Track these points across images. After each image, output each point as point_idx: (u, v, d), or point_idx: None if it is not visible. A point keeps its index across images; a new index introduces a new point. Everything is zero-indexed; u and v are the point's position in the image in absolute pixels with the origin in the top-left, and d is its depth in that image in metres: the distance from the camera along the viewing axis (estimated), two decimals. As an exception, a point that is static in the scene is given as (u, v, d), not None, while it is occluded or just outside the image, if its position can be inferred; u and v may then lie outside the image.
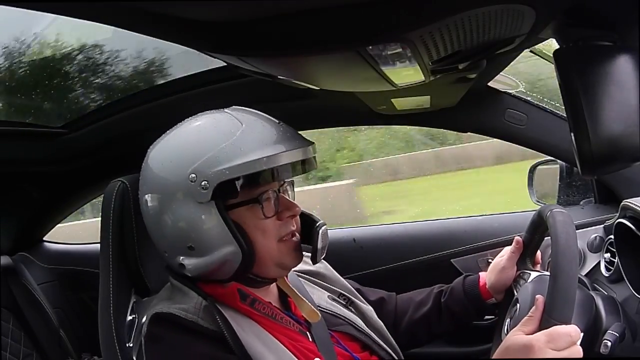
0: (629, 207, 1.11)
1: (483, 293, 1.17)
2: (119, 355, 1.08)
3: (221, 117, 0.97)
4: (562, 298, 0.87)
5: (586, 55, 0.70)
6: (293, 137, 0.97)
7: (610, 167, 0.75)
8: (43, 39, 1.70)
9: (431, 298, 1.21)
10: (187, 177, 0.91)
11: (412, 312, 1.22)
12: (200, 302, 0.95)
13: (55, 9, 0.67)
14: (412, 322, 1.21)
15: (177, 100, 1.57)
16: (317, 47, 0.70)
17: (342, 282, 1.20)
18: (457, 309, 1.18)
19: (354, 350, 1.06)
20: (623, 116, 0.68)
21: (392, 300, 1.25)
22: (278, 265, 0.99)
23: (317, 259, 1.02)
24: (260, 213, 0.95)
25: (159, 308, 0.95)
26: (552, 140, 1.52)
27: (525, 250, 1.14)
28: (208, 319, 0.93)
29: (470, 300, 1.17)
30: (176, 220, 0.94)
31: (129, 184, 1.09)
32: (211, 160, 0.91)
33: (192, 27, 0.67)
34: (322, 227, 1.01)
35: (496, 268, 1.16)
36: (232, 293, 0.97)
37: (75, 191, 1.99)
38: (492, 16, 0.68)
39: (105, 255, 1.10)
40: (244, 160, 0.90)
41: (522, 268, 1.13)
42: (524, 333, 0.88)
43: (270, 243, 0.96)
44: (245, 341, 0.92)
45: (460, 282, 1.20)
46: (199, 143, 0.93)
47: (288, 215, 0.98)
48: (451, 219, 1.81)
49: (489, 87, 1.51)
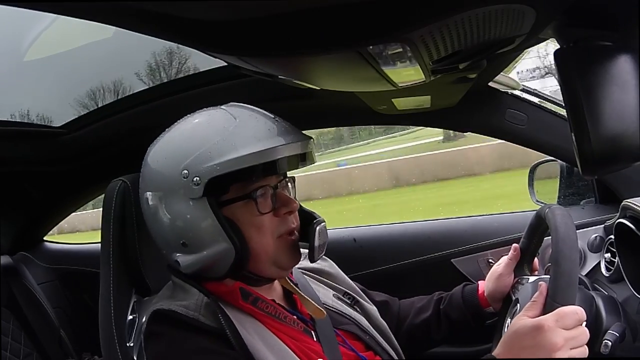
0: (629, 207, 1.11)
1: (482, 301, 1.16)
2: (120, 354, 1.08)
3: (216, 113, 0.97)
4: (565, 282, 0.88)
5: (586, 56, 0.70)
6: (288, 131, 0.95)
7: (610, 167, 0.75)
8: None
9: (432, 305, 1.21)
10: (180, 174, 0.91)
11: (413, 317, 1.22)
12: (201, 299, 0.94)
13: (55, 9, 0.67)
14: (412, 327, 1.21)
15: (177, 100, 1.57)
16: (318, 46, 0.70)
17: (347, 281, 1.19)
18: (455, 316, 1.18)
19: (358, 350, 1.05)
20: (623, 116, 0.68)
21: (395, 305, 1.25)
22: (274, 264, 0.97)
23: (315, 257, 1.00)
24: (255, 209, 0.94)
25: (159, 305, 0.95)
26: (552, 140, 1.52)
27: (522, 257, 1.14)
28: (209, 316, 0.92)
29: (468, 308, 1.17)
30: (170, 217, 0.94)
31: (129, 183, 1.09)
32: (203, 156, 0.90)
33: (192, 26, 0.67)
34: (319, 224, 0.99)
35: (493, 276, 1.15)
36: (234, 291, 0.96)
37: (76, 191, 1.99)
38: (492, 16, 0.68)
39: (106, 254, 1.10)
40: (235, 155, 0.89)
41: (520, 275, 1.13)
42: (528, 317, 0.88)
43: (265, 240, 0.95)
44: (246, 339, 0.91)
45: (459, 290, 1.20)
46: (192, 139, 0.93)
47: (285, 212, 0.96)
48: (451, 219, 1.82)
49: (490, 87, 1.51)
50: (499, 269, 1.15)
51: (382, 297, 1.25)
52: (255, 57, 0.78)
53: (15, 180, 1.88)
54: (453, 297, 1.20)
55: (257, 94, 1.37)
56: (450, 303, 1.19)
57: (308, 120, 1.66)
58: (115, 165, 1.44)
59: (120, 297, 1.11)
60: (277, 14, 0.63)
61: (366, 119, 1.66)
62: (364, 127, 11.35)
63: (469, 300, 1.17)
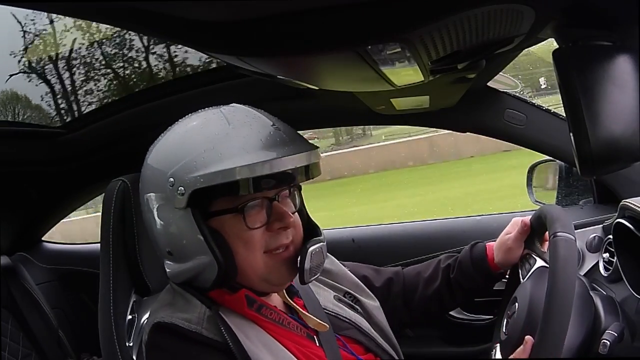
0: (628, 207, 1.11)
1: (492, 266, 1.14)
2: (119, 354, 1.08)
3: (212, 116, 0.92)
4: (551, 344, 0.85)
5: (585, 55, 0.70)
6: (284, 142, 0.88)
7: (609, 168, 0.75)
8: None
9: (440, 273, 1.18)
10: (167, 181, 0.88)
11: (423, 289, 1.18)
12: (203, 312, 0.91)
13: (55, 9, 0.67)
14: (424, 299, 1.18)
15: (177, 100, 1.57)
16: (316, 47, 0.70)
17: (349, 276, 1.15)
18: (467, 284, 1.15)
19: (359, 353, 1.04)
20: (622, 116, 0.68)
21: (400, 279, 1.21)
22: (264, 280, 0.93)
23: (305, 280, 0.93)
24: (244, 223, 0.89)
25: (160, 317, 0.92)
26: (551, 140, 1.52)
27: (533, 231, 1.11)
28: (212, 329, 0.90)
29: (479, 274, 1.14)
30: (158, 224, 0.92)
31: (129, 183, 1.10)
32: (188, 166, 0.86)
33: (192, 27, 0.67)
34: (314, 245, 0.93)
35: (503, 248, 1.12)
36: (239, 299, 0.93)
37: (75, 191, 1.99)
38: (491, 16, 0.68)
39: (105, 254, 1.10)
40: (219, 168, 0.84)
41: (530, 248, 1.10)
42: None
43: (253, 256, 0.90)
44: (250, 351, 0.89)
45: (467, 256, 1.16)
46: (182, 146, 0.90)
47: (279, 227, 0.91)
48: (451, 219, 1.82)
49: (488, 87, 1.51)
50: (509, 243, 1.11)
51: (384, 276, 1.21)
52: (254, 57, 0.78)
53: (14, 180, 1.88)
54: (463, 265, 1.16)
55: (256, 94, 1.37)
56: (461, 271, 1.15)
57: (307, 121, 1.67)
58: (114, 165, 1.44)
59: (119, 297, 1.11)
60: (276, 15, 0.63)
61: (365, 119, 1.66)
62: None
63: (479, 266, 1.14)
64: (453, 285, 1.16)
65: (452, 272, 1.17)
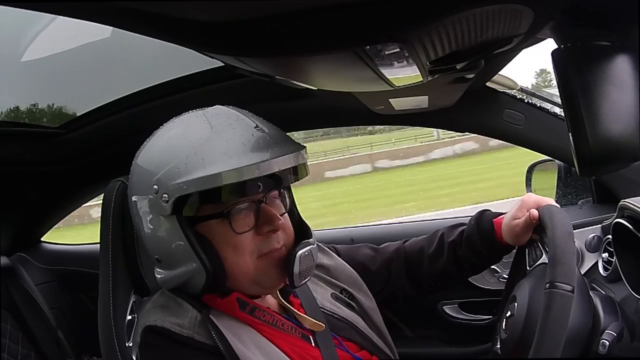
0: (626, 207, 1.11)
1: (501, 242, 1.12)
2: (119, 354, 1.08)
3: (195, 120, 0.91)
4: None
5: (584, 56, 0.70)
6: (268, 145, 0.86)
7: (608, 168, 0.75)
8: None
9: (445, 249, 1.15)
10: (151, 188, 0.88)
11: (429, 266, 1.16)
12: (195, 316, 0.91)
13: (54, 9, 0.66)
14: (431, 276, 1.17)
15: (175, 100, 1.57)
16: (315, 47, 0.69)
17: (347, 270, 1.13)
18: (475, 260, 1.14)
19: (354, 351, 1.04)
20: (621, 116, 0.68)
21: (401, 256, 1.19)
22: (256, 284, 0.92)
23: (295, 285, 0.92)
24: (230, 228, 0.88)
25: (152, 320, 0.92)
26: (550, 140, 1.53)
27: (540, 225, 1.08)
28: (204, 334, 0.89)
29: (488, 250, 1.12)
30: (146, 229, 0.92)
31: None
32: (171, 172, 0.85)
33: (189, 27, 0.66)
34: (303, 249, 0.91)
35: (511, 232, 1.10)
36: (231, 302, 0.93)
37: (74, 191, 1.99)
38: (489, 16, 0.68)
39: (105, 255, 1.10)
40: (201, 174, 0.83)
41: (540, 233, 1.08)
42: None
43: (243, 260, 0.89)
44: (243, 354, 0.89)
45: (474, 232, 1.13)
46: (164, 152, 0.89)
47: (268, 230, 0.90)
48: (450, 219, 1.82)
49: (487, 87, 1.51)
50: (517, 230, 1.08)
51: (384, 256, 1.19)
52: (252, 57, 0.78)
53: (13, 180, 1.88)
54: (470, 242, 1.13)
55: (254, 94, 1.38)
56: (468, 247, 1.13)
57: (305, 121, 1.67)
58: (113, 165, 1.43)
59: (119, 297, 1.11)
60: (274, 15, 0.63)
61: (363, 119, 1.66)
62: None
63: (488, 243, 1.12)
64: (461, 261, 1.15)
65: (459, 249, 1.14)
